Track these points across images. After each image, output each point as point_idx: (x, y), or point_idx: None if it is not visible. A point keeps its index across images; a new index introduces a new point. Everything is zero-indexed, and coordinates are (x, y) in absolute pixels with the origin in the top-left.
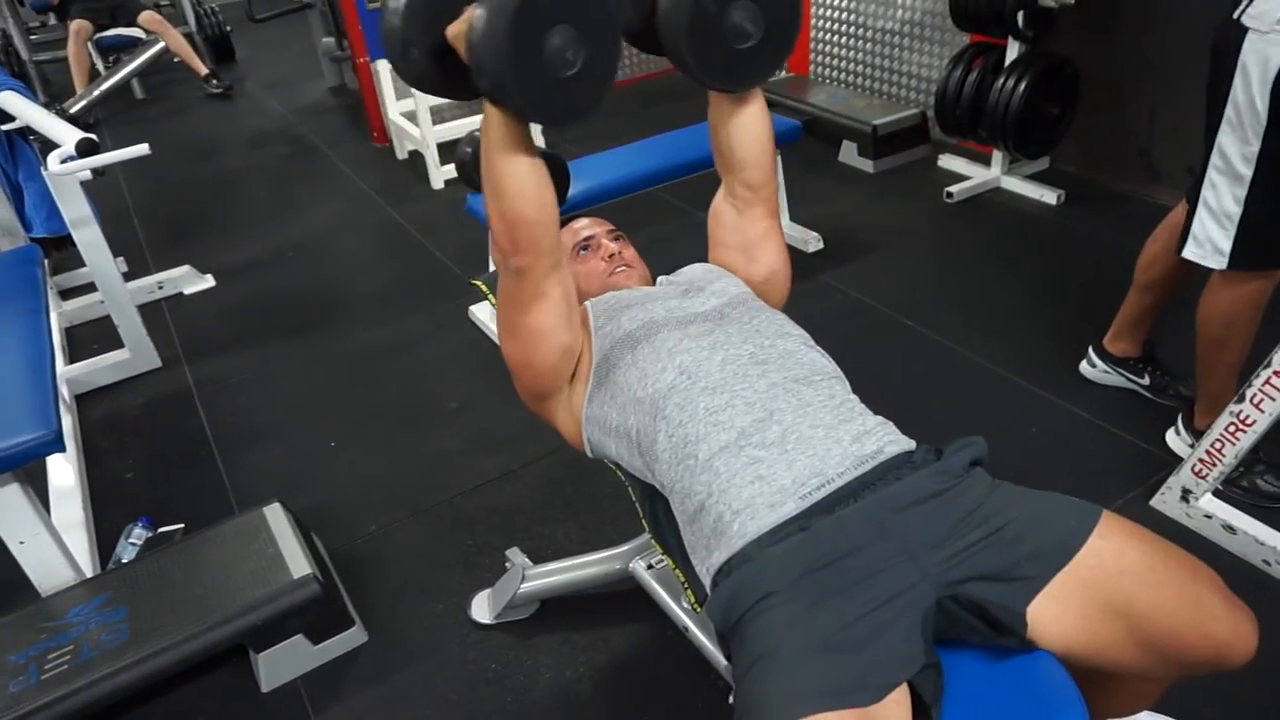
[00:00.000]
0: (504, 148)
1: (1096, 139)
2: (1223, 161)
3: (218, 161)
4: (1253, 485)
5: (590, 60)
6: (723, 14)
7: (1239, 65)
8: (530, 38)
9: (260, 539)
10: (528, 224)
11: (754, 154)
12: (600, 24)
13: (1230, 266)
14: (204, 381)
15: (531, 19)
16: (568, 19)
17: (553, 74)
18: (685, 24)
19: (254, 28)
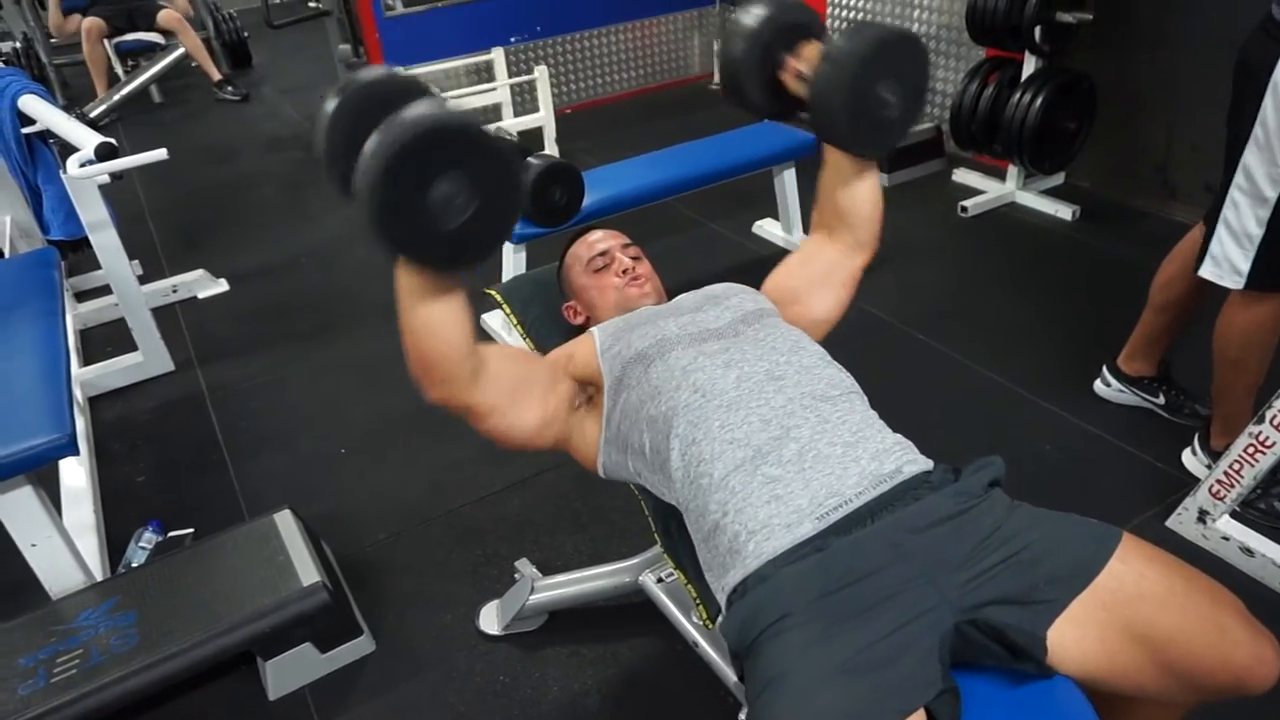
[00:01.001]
0: (411, 295)
1: (1113, 155)
2: (1247, 182)
3: (233, 166)
4: (1270, 507)
5: (481, 212)
6: (873, 90)
7: (1270, 85)
8: (403, 197)
9: (270, 546)
10: (443, 363)
11: (869, 212)
12: (493, 174)
13: (1248, 286)
14: (216, 386)
15: (404, 181)
16: (451, 168)
17: (439, 225)
18: (844, 104)
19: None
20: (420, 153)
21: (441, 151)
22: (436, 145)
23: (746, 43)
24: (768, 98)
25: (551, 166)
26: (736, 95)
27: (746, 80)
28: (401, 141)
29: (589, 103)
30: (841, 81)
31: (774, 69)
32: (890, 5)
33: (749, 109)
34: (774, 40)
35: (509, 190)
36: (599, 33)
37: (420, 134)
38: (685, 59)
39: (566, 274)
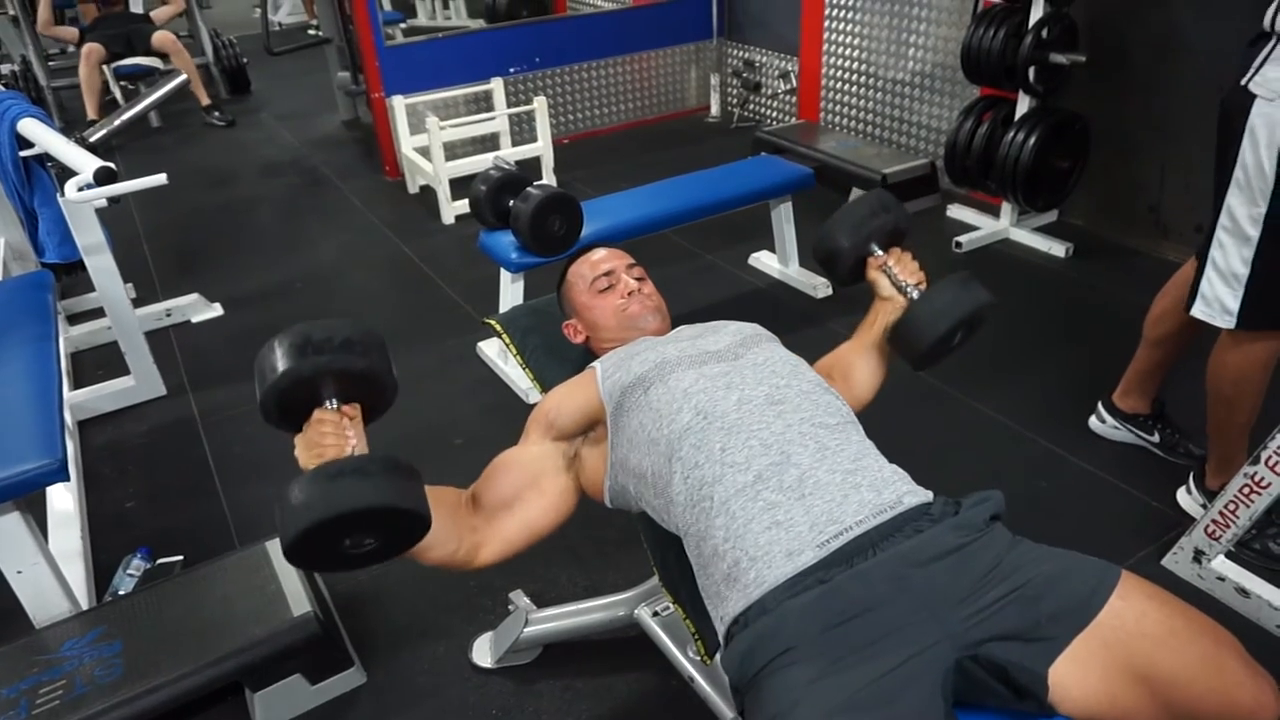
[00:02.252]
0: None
1: (1106, 194)
2: (1231, 222)
3: (230, 191)
4: (1265, 548)
5: (387, 542)
6: (953, 337)
7: (1247, 129)
8: (318, 553)
9: (261, 574)
10: (446, 562)
11: (872, 388)
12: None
13: (1238, 326)
14: (208, 411)
15: (311, 548)
16: (354, 530)
17: (352, 557)
18: (932, 345)
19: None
20: (314, 540)
21: (347, 525)
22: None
23: (855, 233)
24: (849, 273)
25: (551, 197)
26: (825, 261)
27: (841, 258)
28: (293, 539)
29: (586, 133)
30: (944, 322)
31: (865, 253)
32: (886, 45)
33: (828, 272)
34: (872, 235)
35: (414, 526)
36: (597, 65)
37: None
38: (682, 92)
39: (568, 292)
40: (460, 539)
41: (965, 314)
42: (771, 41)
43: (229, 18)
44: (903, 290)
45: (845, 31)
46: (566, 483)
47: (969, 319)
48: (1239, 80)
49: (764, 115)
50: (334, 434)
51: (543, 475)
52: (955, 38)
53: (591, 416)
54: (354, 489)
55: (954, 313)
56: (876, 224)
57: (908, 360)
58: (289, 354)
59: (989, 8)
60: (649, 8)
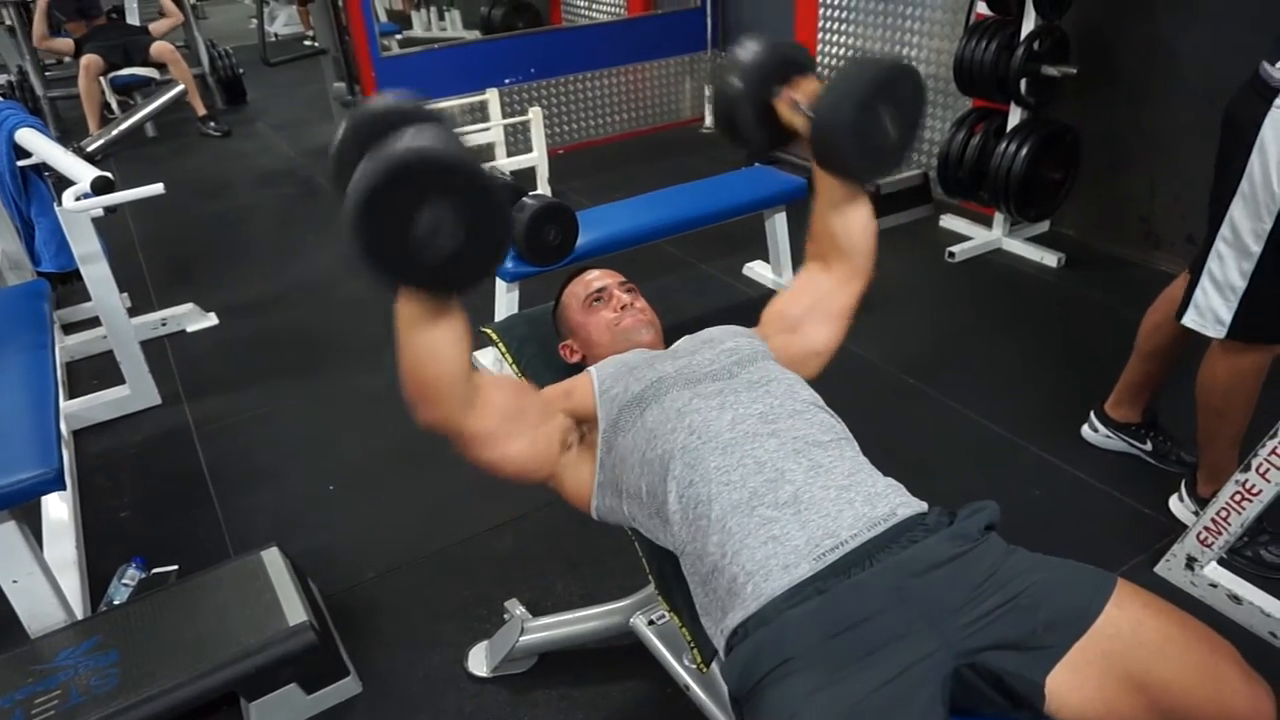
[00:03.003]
0: (408, 319)
1: (1098, 204)
2: (1232, 234)
3: (225, 200)
4: (1256, 556)
5: (470, 237)
6: (875, 116)
7: (1258, 142)
8: (390, 223)
9: (257, 584)
10: (439, 387)
11: (863, 240)
12: (479, 203)
13: (1229, 336)
14: (203, 420)
15: (390, 201)
16: (438, 198)
17: (425, 254)
18: (848, 127)
19: (267, 70)
20: (396, 186)
21: (420, 184)
22: (414, 178)
23: (742, 75)
24: (761, 130)
25: (546, 206)
26: (730, 128)
27: (741, 112)
28: (378, 176)
29: (581, 144)
30: (847, 105)
31: (768, 100)
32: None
33: (741, 142)
34: (769, 74)
35: (496, 220)
36: (592, 75)
37: (394, 168)
38: (677, 103)
39: (563, 313)
40: (469, 378)
41: (867, 85)
42: None
43: (225, 28)
44: (807, 111)
45: (839, 44)
46: (555, 450)
47: (877, 91)
48: (1255, 80)
49: None
50: None
51: (546, 423)
52: (948, 50)
53: (586, 418)
54: (443, 141)
55: (855, 89)
56: (768, 59)
57: (846, 175)
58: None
59: (981, 21)
60: (644, 19)
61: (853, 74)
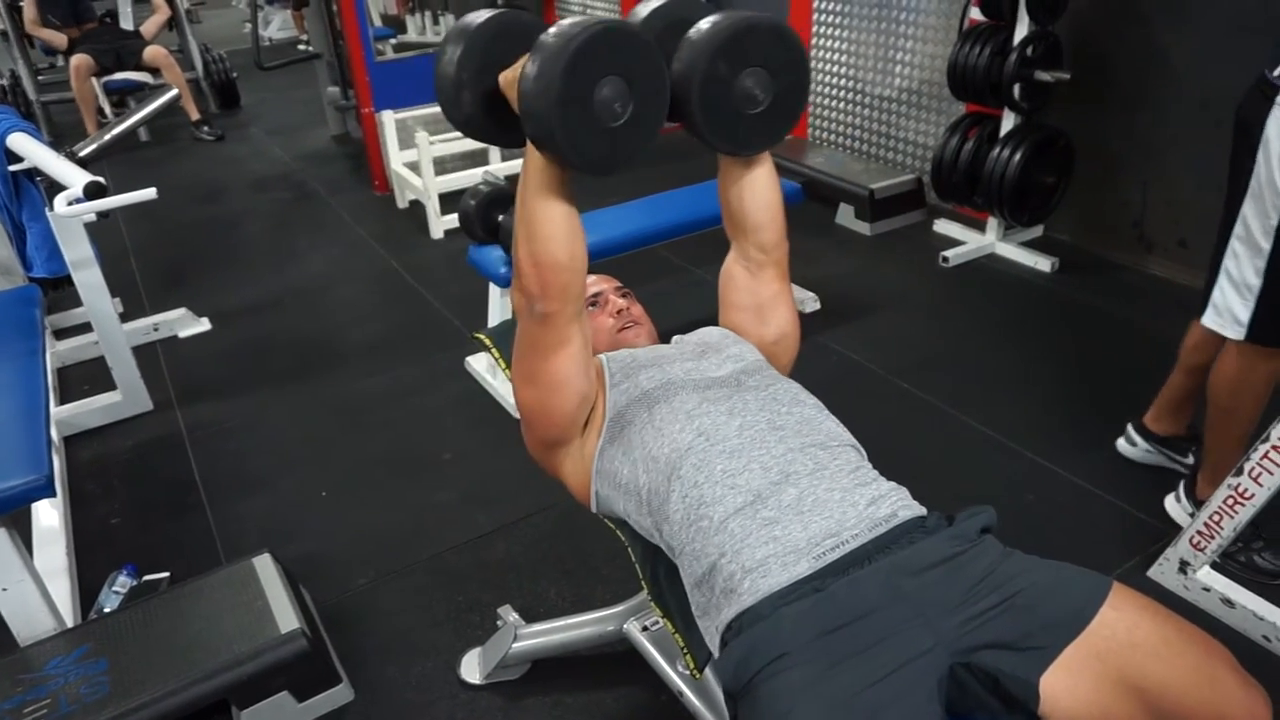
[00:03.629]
0: (542, 192)
1: (1091, 209)
2: (1245, 232)
3: (218, 205)
4: (1250, 561)
5: (637, 112)
6: (734, 79)
7: (1262, 140)
8: (581, 88)
9: (249, 591)
10: (559, 269)
11: (765, 217)
12: (651, 77)
13: (1248, 338)
14: (195, 426)
15: (584, 70)
16: (619, 71)
17: (599, 124)
18: (697, 89)
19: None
20: (595, 53)
21: (614, 53)
22: (611, 47)
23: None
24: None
25: None
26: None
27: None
28: (586, 38)
29: None
30: (692, 73)
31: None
32: (873, 62)
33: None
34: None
35: (660, 98)
36: None
37: (595, 36)
38: None
39: None
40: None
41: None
42: None
43: (219, 33)
44: None
45: (832, 49)
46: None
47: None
48: (1259, 84)
49: None
50: None
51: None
52: (941, 55)
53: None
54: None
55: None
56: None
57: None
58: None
59: (974, 26)
60: None
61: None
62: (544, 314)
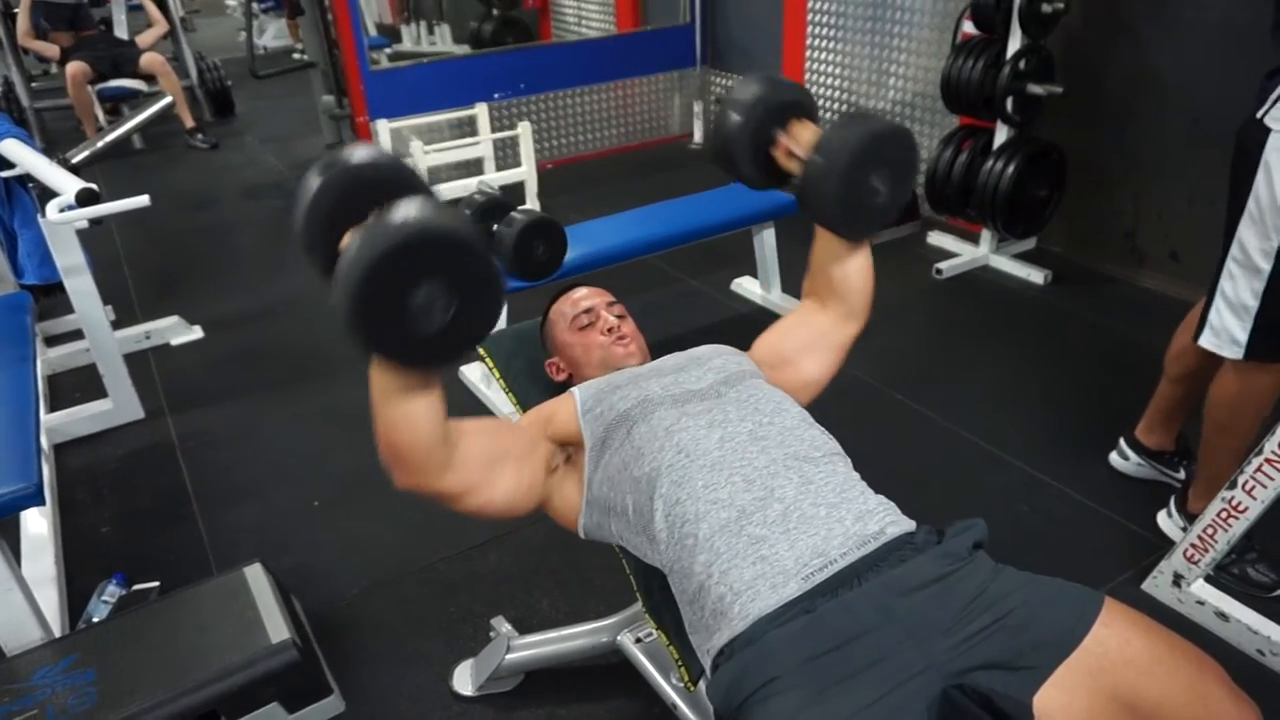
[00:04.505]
0: (385, 391)
1: (1083, 221)
2: (1242, 254)
3: (212, 213)
4: (1244, 574)
5: (461, 316)
6: (866, 180)
7: (1262, 163)
8: (388, 294)
9: (239, 601)
10: (415, 455)
11: (860, 285)
12: (477, 281)
13: (1246, 357)
14: (187, 435)
15: (390, 277)
16: (437, 274)
17: (414, 329)
18: (836, 191)
19: (255, 83)
20: (403, 261)
21: (425, 259)
22: (421, 253)
23: (741, 118)
24: (758, 171)
25: (534, 222)
26: (728, 166)
27: (739, 154)
28: (384, 249)
29: (570, 159)
30: (834, 172)
31: (766, 144)
32: (867, 74)
33: (739, 179)
34: (767, 117)
35: (491, 295)
36: (581, 91)
37: (404, 242)
38: (666, 119)
39: (550, 330)
40: (446, 437)
41: (855, 149)
42: (754, 70)
43: (214, 41)
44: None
45: (827, 61)
46: (541, 481)
47: (866, 154)
48: (1254, 113)
49: None
50: None
51: (530, 458)
52: (934, 68)
53: (571, 439)
54: (445, 215)
55: (843, 152)
56: (767, 102)
57: (833, 228)
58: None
59: (967, 40)
60: (633, 36)
61: (843, 136)
62: (412, 486)
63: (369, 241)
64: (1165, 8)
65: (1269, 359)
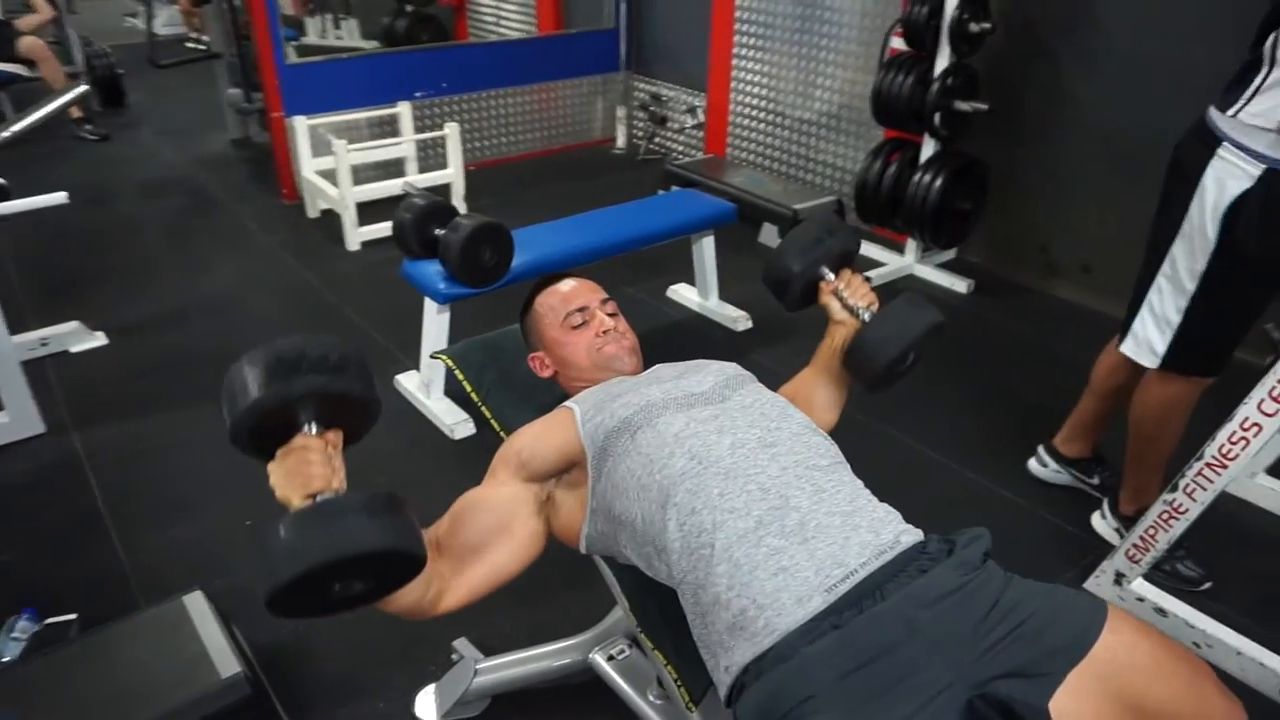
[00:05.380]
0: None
1: (1001, 233)
2: (1172, 271)
3: (108, 210)
4: (1174, 570)
5: (379, 585)
6: (909, 355)
7: (1200, 186)
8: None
9: (180, 633)
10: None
11: (834, 413)
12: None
13: (1161, 366)
14: (97, 451)
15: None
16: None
17: (335, 602)
18: (887, 364)
19: (148, 73)
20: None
21: (345, 571)
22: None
23: (801, 258)
24: (799, 299)
25: (482, 227)
26: (777, 290)
27: (792, 287)
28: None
29: (492, 161)
30: (895, 347)
31: (814, 276)
32: (794, 85)
33: (779, 298)
34: (821, 256)
35: (411, 568)
36: (504, 93)
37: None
38: (588, 123)
39: (536, 324)
40: (428, 584)
41: (917, 334)
42: (678, 77)
43: (96, 25)
44: (855, 313)
45: (753, 70)
46: (536, 526)
47: (920, 339)
48: (1200, 129)
49: (670, 149)
50: (321, 463)
51: (514, 519)
52: (861, 80)
53: (569, 459)
54: (362, 530)
55: (905, 334)
56: (826, 247)
57: (863, 384)
58: (270, 374)
59: (896, 56)
60: (556, 38)
61: (912, 316)
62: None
63: (280, 567)
64: (1080, 35)
65: (1182, 371)
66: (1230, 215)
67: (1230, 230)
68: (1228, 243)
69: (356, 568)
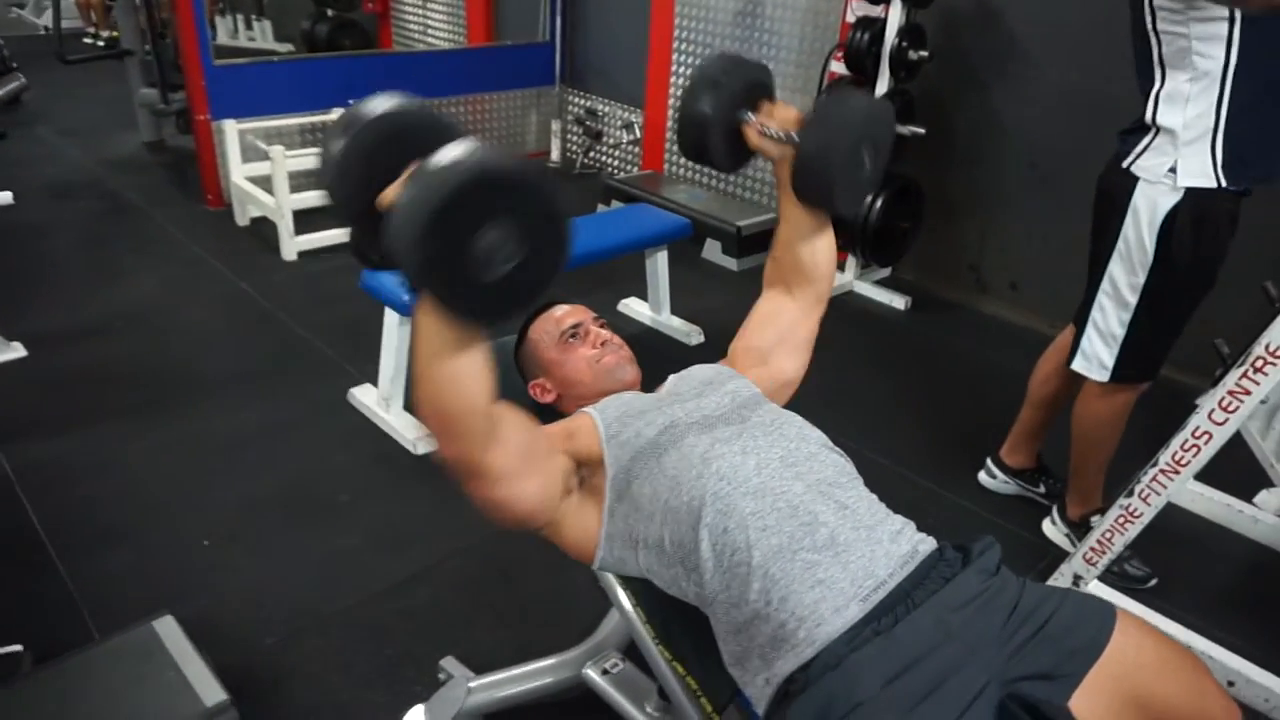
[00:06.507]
0: (437, 346)
1: (934, 252)
2: (1112, 288)
3: (11, 214)
4: (1122, 570)
5: (528, 261)
6: (858, 154)
7: (1130, 207)
8: (455, 237)
9: (155, 660)
10: (463, 419)
11: (827, 266)
12: (544, 221)
13: (1112, 379)
14: (26, 468)
15: (457, 217)
16: (505, 215)
17: (481, 276)
18: (837, 168)
19: (44, 69)
20: (470, 201)
21: (492, 199)
22: (485, 193)
23: (712, 99)
24: (728, 153)
25: None
26: (698, 153)
27: (713, 140)
28: (451, 189)
29: None
30: (837, 146)
31: (736, 124)
32: None
33: (707, 162)
34: (736, 97)
35: (557, 235)
36: (440, 103)
37: (467, 182)
38: (523, 136)
39: (533, 352)
40: (489, 412)
41: (855, 127)
42: (613, 92)
43: None
44: (783, 140)
45: None
46: (558, 496)
47: (863, 129)
48: (1118, 164)
49: (606, 164)
50: None
51: (550, 463)
52: (800, 103)
53: (591, 459)
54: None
55: (843, 133)
56: (729, 87)
57: (829, 209)
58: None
59: (835, 79)
60: (494, 50)
61: (840, 111)
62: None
63: (430, 183)
64: (1009, 64)
65: (1131, 381)
66: (1164, 228)
67: (1166, 242)
68: (1164, 254)
69: (507, 201)
